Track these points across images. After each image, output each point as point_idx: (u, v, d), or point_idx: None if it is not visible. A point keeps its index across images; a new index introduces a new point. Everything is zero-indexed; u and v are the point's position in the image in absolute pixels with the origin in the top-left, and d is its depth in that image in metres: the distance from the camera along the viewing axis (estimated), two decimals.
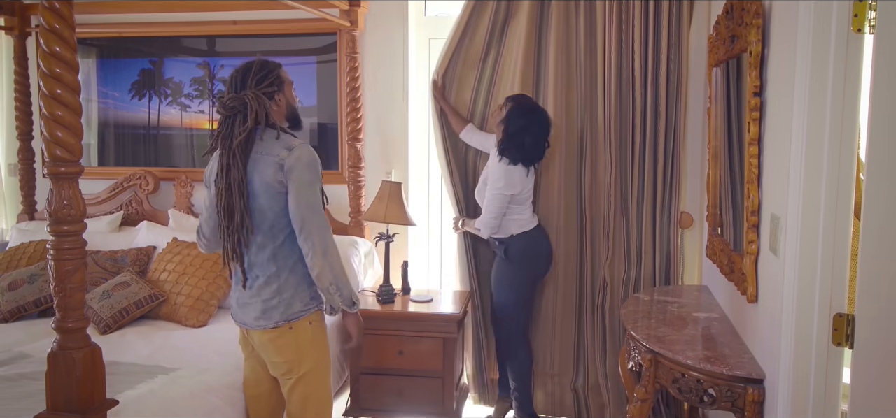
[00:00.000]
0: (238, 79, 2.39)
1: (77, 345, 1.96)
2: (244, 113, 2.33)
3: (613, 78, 3.64)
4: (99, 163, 4.43)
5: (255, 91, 2.34)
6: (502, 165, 3.42)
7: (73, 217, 1.92)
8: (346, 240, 3.91)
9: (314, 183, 2.32)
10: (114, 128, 4.44)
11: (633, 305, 3.20)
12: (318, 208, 2.33)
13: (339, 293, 2.39)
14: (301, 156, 2.31)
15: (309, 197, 2.30)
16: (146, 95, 4.35)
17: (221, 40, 4.24)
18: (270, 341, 2.44)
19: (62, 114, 1.89)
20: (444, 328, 3.53)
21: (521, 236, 3.55)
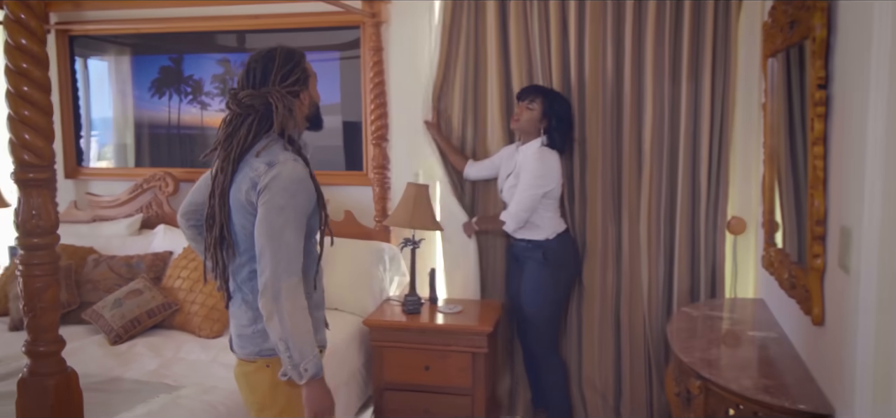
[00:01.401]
0: (257, 71, 2.01)
1: (50, 371, 1.77)
2: (261, 114, 1.98)
3: (651, 69, 3.34)
4: (136, 164, 4.30)
5: (280, 89, 1.99)
6: (541, 158, 3.26)
7: (43, 228, 1.73)
8: (372, 247, 3.69)
9: (285, 208, 1.89)
10: (136, 127, 4.30)
11: (680, 321, 2.91)
12: (283, 240, 1.88)
13: (289, 354, 1.89)
14: (279, 176, 1.91)
15: (272, 223, 1.88)
16: (166, 94, 4.20)
17: (242, 36, 4.05)
18: (244, 374, 2.10)
19: (29, 114, 1.70)
20: (474, 342, 3.28)
21: (558, 238, 3.35)
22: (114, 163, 4.36)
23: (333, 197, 3.91)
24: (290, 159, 1.95)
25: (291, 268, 1.88)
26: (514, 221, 3.32)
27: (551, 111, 3.30)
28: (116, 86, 4.29)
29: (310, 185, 1.98)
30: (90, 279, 3.47)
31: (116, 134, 4.34)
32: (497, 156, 3.54)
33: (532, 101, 3.30)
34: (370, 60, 3.73)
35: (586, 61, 3.43)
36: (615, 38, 3.40)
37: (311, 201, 1.99)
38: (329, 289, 3.53)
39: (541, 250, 3.33)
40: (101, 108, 4.36)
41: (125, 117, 4.28)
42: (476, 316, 3.43)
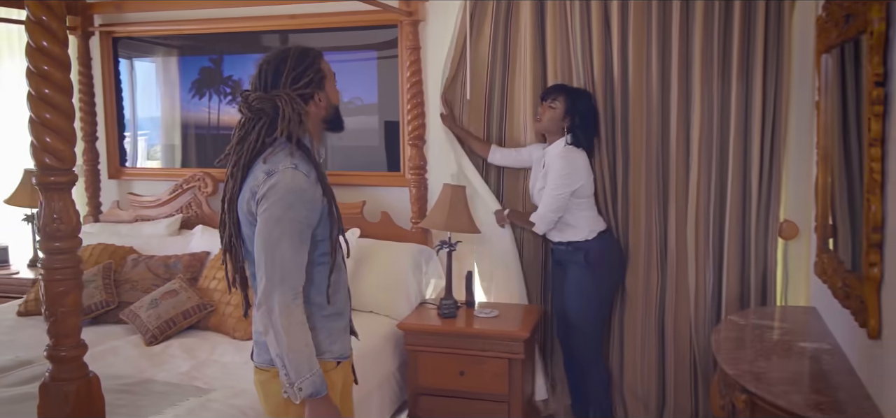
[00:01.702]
0: (269, 73, 1.93)
1: (71, 376, 1.75)
2: (272, 118, 1.90)
3: (699, 67, 3.21)
4: (183, 165, 4.33)
5: (289, 91, 1.91)
6: (566, 156, 3.21)
7: (64, 232, 1.71)
8: (408, 249, 3.63)
9: (281, 220, 1.81)
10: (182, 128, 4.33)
11: (727, 330, 2.77)
12: (278, 253, 1.80)
13: (285, 372, 1.82)
14: (276, 186, 1.82)
15: (269, 235, 1.81)
16: (206, 94, 4.21)
17: (280, 36, 4.03)
18: (260, 382, 2.04)
19: (51, 117, 1.68)
20: (510, 348, 3.19)
21: (599, 239, 3.28)
22: (162, 163, 4.39)
23: (370, 198, 3.88)
24: (290, 168, 1.85)
25: (286, 282, 1.81)
26: (543, 223, 3.27)
27: (574, 109, 3.25)
28: (164, 87, 4.32)
29: (312, 195, 1.88)
30: (129, 279, 3.49)
31: (164, 134, 4.37)
32: (526, 149, 3.49)
33: (554, 100, 3.26)
34: (407, 60, 3.67)
35: (630, 59, 3.31)
36: (660, 35, 3.28)
37: (315, 211, 1.89)
38: (364, 292, 3.52)
39: (582, 252, 3.24)
40: (150, 109, 4.39)
41: (172, 118, 4.31)
42: (513, 320, 3.34)
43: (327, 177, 2.03)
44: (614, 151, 3.38)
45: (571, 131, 3.25)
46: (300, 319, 1.84)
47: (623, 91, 3.34)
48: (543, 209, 3.24)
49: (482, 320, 3.35)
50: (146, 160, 4.44)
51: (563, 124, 3.26)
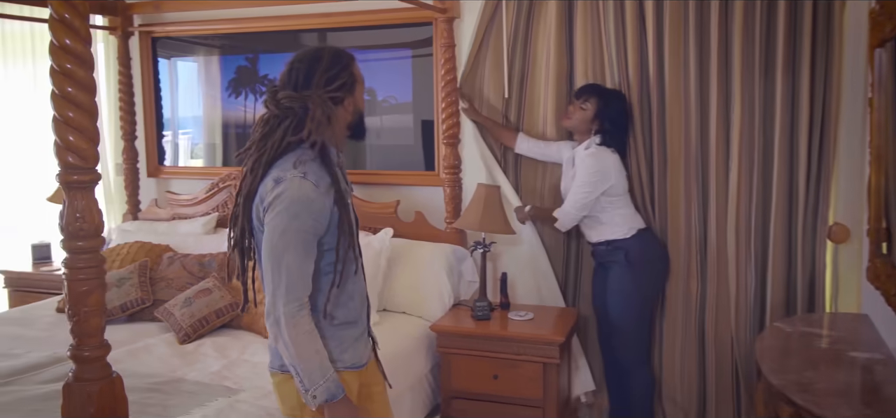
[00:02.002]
0: (301, 71, 1.89)
1: (94, 377, 1.74)
2: (300, 118, 1.86)
3: (739, 63, 3.08)
4: (224, 164, 4.34)
5: (321, 93, 1.87)
6: (596, 156, 3.15)
7: (87, 231, 1.70)
8: (442, 249, 3.57)
9: (286, 231, 1.78)
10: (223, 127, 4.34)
11: (772, 337, 2.65)
12: (283, 264, 1.79)
13: (299, 379, 1.82)
14: (284, 194, 1.80)
15: (274, 246, 1.79)
16: (242, 93, 4.22)
17: (314, 35, 4.02)
18: (275, 385, 2.03)
19: (74, 115, 1.66)
20: (545, 352, 3.11)
21: (639, 237, 3.19)
22: (204, 162, 4.40)
23: (405, 197, 3.83)
24: (298, 177, 1.82)
25: (291, 293, 1.80)
26: (566, 219, 3.22)
27: (604, 113, 3.18)
28: (205, 87, 4.34)
29: (320, 205, 1.84)
30: (164, 277, 3.50)
31: (206, 133, 4.39)
32: (555, 145, 3.41)
33: (586, 101, 3.19)
34: (441, 57, 3.61)
35: (666, 56, 3.21)
36: (698, 31, 3.17)
37: (322, 220, 1.85)
38: (396, 292, 3.48)
39: (621, 251, 3.16)
40: (192, 108, 4.41)
41: (213, 117, 4.32)
42: (548, 324, 3.26)
43: (347, 183, 2.01)
44: (651, 151, 3.28)
45: (601, 133, 3.18)
46: (307, 328, 1.82)
47: (659, 89, 3.24)
48: (568, 206, 3.19)
49: (517, 323, 3.28)
50: (190, 159, 4.45)
51: (592, 126, 3.19)
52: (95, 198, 1.73)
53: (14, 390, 2.48)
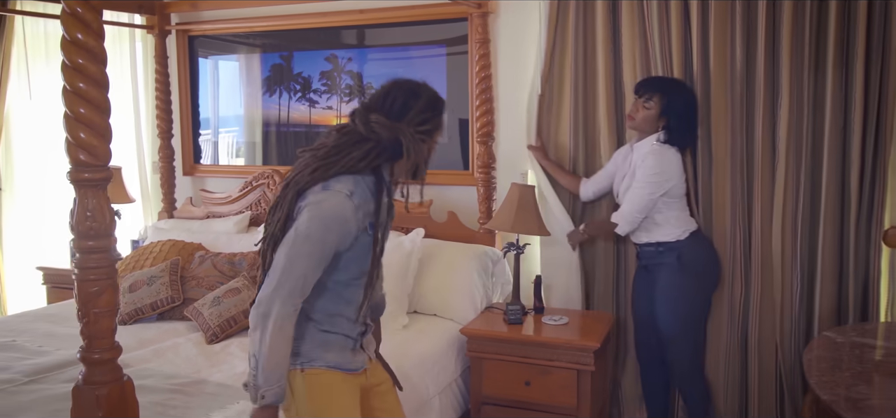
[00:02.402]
0: (397, 101, 1.91)
1: (104, 380, 1.70)
2: (383, 146, 1.88)
3: (787, 58, 2.92)
4: (264, 162, 4.31)
5: (414, 130, 1.90)
6: (658, 154, 2.96)
7: (98, 231, 1.66)
8: (474, 250, 3.49)
9: (310, 238, 1.81)
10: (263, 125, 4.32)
11: (821, 348, 2.51)
12: (296, 267, 1.82)
13: (255, 373, 1.81)
14: (324, 202, 1.83)
15: (294, 245, 1.82)
16: (277, 91, 4.20)
17: (347, 32, 3.97)
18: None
19: (85, 112, 1.62)
20: (579, 358, 3.00)
21: (692, 239, 3.03)
22: (245, 160, 4.38)
23: (438, 196, 3.76)
24: (344, 193, 1.85)
25: (292, 298, 1.82)
26: (626, 222, 3.03)
27: (669, 108, 2.98)
28: (245, 86, 4.32)
29: (351, 226, 1.87)
30: (195, 275, 3.49)
31: (247, 132, 4.37)
32: (610, 163, 3.25)
33: (649, 99, 2.99)
34: (476, 53, 3.52)
35: (711, 53, 3.06)
36: (745, 27, 3.01)
37: (348, 239, 1.88)
38: (427, 294, 3.41)
39: (675, 253, 2.99)
40: (235, 107, 4.39)
41: (253, 116, 4.30)
42: (583, 329, 3.15)
43: (390, 214, 2.06)
44: (695, 150, 3.14)
45: (666, 130, 3.00)
46: (289, 334, 1.85)
47: (704, 87, 3.10)
48: (628, 207, 3.00)
49: (550, 327, 3.17)
50: (235, 157, 4.44)
51: (657, 124, 3.01)
52: (107, 196, 1.69)
53: (37, 389, 2.48)
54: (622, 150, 3.21)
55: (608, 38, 3.28)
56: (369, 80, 3.93)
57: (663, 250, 3.02)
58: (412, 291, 3.42)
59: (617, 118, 3.32)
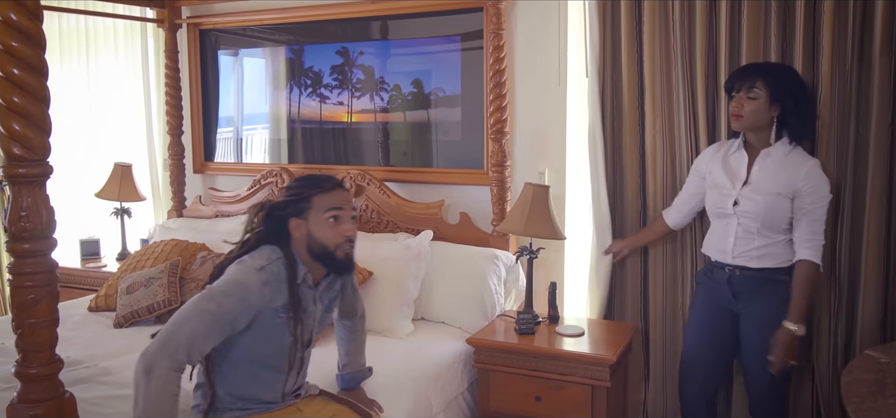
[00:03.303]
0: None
1: (41, 397, 1.54)
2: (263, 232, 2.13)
3: (828, 48, 2.65)
4: (289, 160, 4.15)
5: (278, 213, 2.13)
6: (816, 164, 2.55)
7: (33, 232, 1.50)
8: (485, 254, 3.27)
9: (209, 297, 1.91)
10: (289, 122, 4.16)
11: (862, 369, 2.24)
12: (188, 326, 1.85)
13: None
14: (233, 270, 1.98)
15: (193, 301, 1.91)
16: (288, 87, 4.04)
17: (360, 24, 3.79)
18: None
19: (20, 100, 1.47)
20: (593, 373, 2.77)
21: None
22: (268, 158, 4.22)
23: (452, 197, 3.56)
24: (253, 266, 1.97)
25: (178, 353, 1.83)
26: (820, 254, 2.54)
27: (781, 92, 2.53)
28: (266, 83, 4.16)
29: (253, 300, 1.94)
30: (194, 277, 3.34)
31: (272, 129, 4.20)
32: (692, 179, 2.86)
33: (752, 87, 2.54)
34: (490, 45, 3.31)
35: (744, 49, 2.81)
36: (781, 27, 2.76)
37: (246, 316, 1.94)
38: (435, 300, 3.24)
39: (783, 283, 2.55)
40: (260, 104, 4.23)
41: (278, 112, 4.14)
42: (599, 341, 2.92)
43: (322, 305, 2.20)
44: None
45: (784, 123, 2.56)
46: (175, 392, 1.83)
47: None
48: (820, 238, 2.53)
49: (565, 338, 2.95)
50: (265, 155, 4.28)
51: (771, 113, 2.56)
52: (46, 194, 1.54)
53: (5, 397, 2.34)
54: (706, 157, 2.79)
55: (633, 39, 3.06)
56: (382, 74, 3.76)
57: (768, 279, 2.60)
58: (419, 297, 3.23)
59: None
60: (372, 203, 3.65)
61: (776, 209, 2.53)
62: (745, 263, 2.61)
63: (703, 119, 2.94)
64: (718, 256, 2.70)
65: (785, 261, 2.57)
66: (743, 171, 2.62)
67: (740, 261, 2.62)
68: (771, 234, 2.56)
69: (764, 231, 2.56)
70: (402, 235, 3.44)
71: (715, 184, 2.69)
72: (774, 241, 2.57)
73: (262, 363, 2.06)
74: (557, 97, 3.36)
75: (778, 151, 2.57)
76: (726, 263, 2.66)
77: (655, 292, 3.14)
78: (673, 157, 3.05)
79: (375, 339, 3.01)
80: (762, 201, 2.53)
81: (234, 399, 2.07)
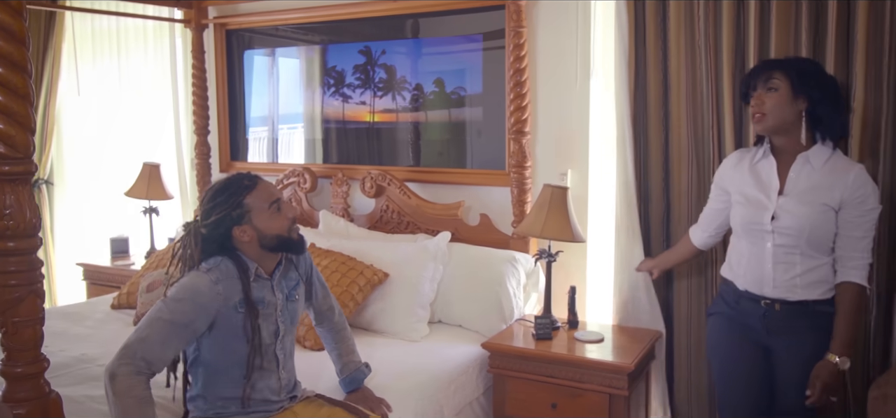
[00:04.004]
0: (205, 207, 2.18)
1: (26, 397, 1.53)
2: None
3: (863, 42, 2.51)
4: (324, 160, 4.11)
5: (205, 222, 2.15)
6: (864, 172, 2.24)
7: (17, 230, 1.49)
8: (503, 256, 3.21)
9: (163, 307, 1.98)
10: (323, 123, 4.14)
11: (890, 385, 2.10)
12: (144, 332, 1.94)
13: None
14: (182, 280, 2.06)
15: (150, 312, 2.00)
16: (311, 86, 4.03)
17: (382, 23, 3.75)
18: None
19: (4, 99, 1.46)
20: (610, 381, 2.68)
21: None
22: (303, 158, 4.21)
23: (470, 197, 3.50)
24: (202, 270, 2.03)
25: (135, 359, 1.89)
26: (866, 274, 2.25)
27: (805, 82, 2.23)
28: (300, 83, 4.16)
29: (206, 300, 1.99)
30: None
31: (306, 129, 4.18)
32: (715, 194, 2.57)
33: (770, 79, 2.24)
34: (511, 43, 3.24)
35: (772, 49, 2.68)
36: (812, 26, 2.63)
37: (204, 318, 2.00)
38: (452, 302, 3.18)
39: (827, 316, 2.25)
40: (293, 104, 4.21)
41: (313, 113, 4.12)
42: (619, 348, 2.83)
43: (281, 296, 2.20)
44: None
45: (815, 118, 2.25)
46: (140, 394, 1.88)
47: None
48: (866, 258, 2.23)
49: (583, 344, 2.86)
50: (291, 155, 4.26)
51: (797, 107, 2.24)
52: (31, 193, 1.53)
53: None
54: (729, 166, 2.49)
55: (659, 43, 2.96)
56: (403, 73, 3.71)
57: (809, 312, 2.27)
58: (436, 300, 3.17)
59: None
60: (392, 203, 3.61)
61: (823, 223, 2.21)
62: (785, 295, 2.27)
63: (730, 119, 2.82)
64: (751, 286, 2.33)
65: (831, 289, 2.26)
66: (774, 180, 2.30)
67: (781, 292, 2.27)
68: (816, 255, 2.24)
69: (808, 250, 2.23)
70: (422, 236, 3.39)
71: (746, 197, 2.35)
72: (819, 265, 2.24)
73: (238, 362, 2.07)
74: (581, 97, 3.27)
75: (817, 156, 2.25)
76: (762, 296, 2.31)
77: (679, 298, 3.02)
78: (699, 159, 2.94)
79: (388, 342, 2.99)
80: (807, 214, 2.21)
81: (227, 402, 2.09)
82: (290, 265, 2.26)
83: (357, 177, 3.75)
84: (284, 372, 2.20)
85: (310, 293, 2.36)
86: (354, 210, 3.80)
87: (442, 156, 3.66)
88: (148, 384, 1.92)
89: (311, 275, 2.37)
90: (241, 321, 2.04)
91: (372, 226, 3.67)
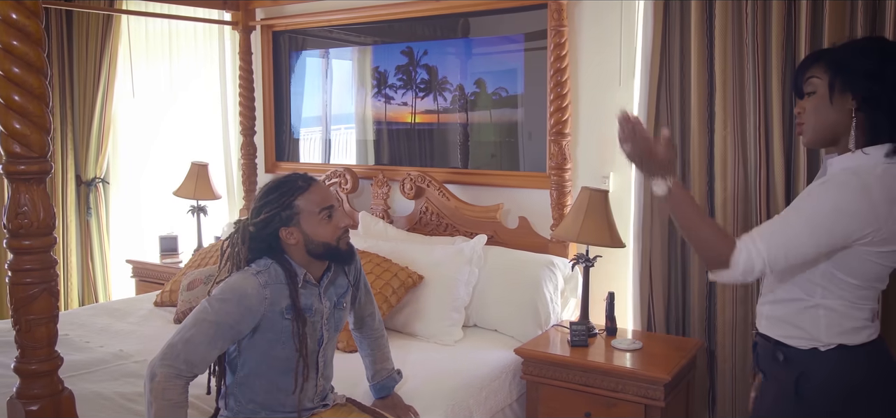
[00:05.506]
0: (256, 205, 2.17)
1: (40, 393, 1.55)
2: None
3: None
4: (376, 162, 4.11)
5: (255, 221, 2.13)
6: (855, 171, 1.66)
7: (31, 229, 1.51)
8: (541, 261, 3.14)
9: (207, 309, 1.96)
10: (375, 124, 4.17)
11: None
12: (188, 333, 1.91)
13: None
14: (230, 278, 2.05)
15: (193, 312, 1.98)
16: (354, 87, 4.03)
17: (424, 23, 3.73)
18: None
19: (20, 99, 1.48)
20: (647, 391, 2.59)
21: (842, 358, 1.69)
22: (355, 159, 4.23)
23: (509, 200, 3.45)
24: (249, 271, 2.01)
25: (176, 360, 1.87)
26: (736, 268, 1.68)
27: (848, 72, 1.67)
28: (351, 84, 4.17)
29: (252, 302, 1.96)
30: None
31: (358, 130, 4.20)
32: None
33: (809, 79, 1.72)
34: (552, 43, 3.17)
35: None
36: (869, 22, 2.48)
37: (249, 320, 1.96)
38: (488, 306, 3.13)
39: (794, 371, 1.72)
40: (346, 105, 4.22)
41: (364, 114, 4.12)
42: (657, 357, 2.72)
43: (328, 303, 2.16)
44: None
45: (867, 116, 1.66)
46: (175, 399, 1.86)
47: None
48: (763, 245, 1.64)
49: (619, 353, 2.77)
50: (345, 155, 4.24)
51: (846, 107, 1.68)
52: (45, 192, 1.55)
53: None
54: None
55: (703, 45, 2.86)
56: (445, 74, 3.68)
57: (781, 361, 1.75)
58: (472, 304, 3.13)
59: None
60: (431, 205, 3.58)
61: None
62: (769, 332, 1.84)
63: (778, 122, 2.68)
64: None
65: (802, 340, 1.75)
66: None
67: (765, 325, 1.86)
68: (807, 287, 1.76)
69: None
70: (459, 239, 3.35)
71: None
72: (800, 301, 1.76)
73: (278, 368, 2.04)
74: (624, 99, 3.17)
75: (838, 163, 1.72)
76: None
77: (723, 306, 2.89)
78: (745, 162, 2.81)
79: (421, 345, 2.96)
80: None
81: (258, 407, 2.07)
82: (339, 271, 2.20)
83: (397, 178, 3.74)
84: (322, 379, 2.17)
85: (354, 298, 2.30)
86: (394, 211, 3.78)
87: (482, 157, 3.61)
88: (185, 388, 1.90)
89: (358, 280, 2.31)
90: (285, 327, 2.00)
91: (411, 228, 3.65)
